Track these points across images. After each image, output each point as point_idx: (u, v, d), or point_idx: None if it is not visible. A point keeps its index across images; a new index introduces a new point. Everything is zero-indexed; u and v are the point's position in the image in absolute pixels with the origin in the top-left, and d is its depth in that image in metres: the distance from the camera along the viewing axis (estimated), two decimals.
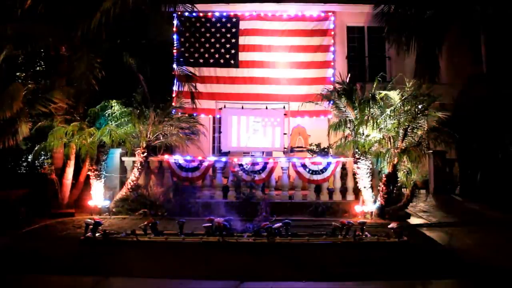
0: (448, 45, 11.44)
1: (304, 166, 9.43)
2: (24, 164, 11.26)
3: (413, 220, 8.58)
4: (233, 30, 13.02)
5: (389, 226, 6.74)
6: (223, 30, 13.02)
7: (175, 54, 12.56)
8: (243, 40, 12.99)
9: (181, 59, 12.48)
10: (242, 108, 11.50)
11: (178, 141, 9.76)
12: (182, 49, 12.86)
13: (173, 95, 11.99)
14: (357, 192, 9.22)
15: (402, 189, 9.09)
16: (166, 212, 8.73)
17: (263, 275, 5.37)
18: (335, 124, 9.36)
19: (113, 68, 9.59)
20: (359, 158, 8.92)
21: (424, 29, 10.75)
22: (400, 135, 8.63)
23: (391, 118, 8.64)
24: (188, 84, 11.16)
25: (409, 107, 8.58)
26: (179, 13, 12.15)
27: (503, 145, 10.68)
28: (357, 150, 8.93)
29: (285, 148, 11.32)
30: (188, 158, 9.57)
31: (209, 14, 13.05)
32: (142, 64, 9.67)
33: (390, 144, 8.75)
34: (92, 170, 9.05)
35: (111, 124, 8.99)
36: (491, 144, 10.74)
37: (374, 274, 5.33)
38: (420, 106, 8.59)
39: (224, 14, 13.09)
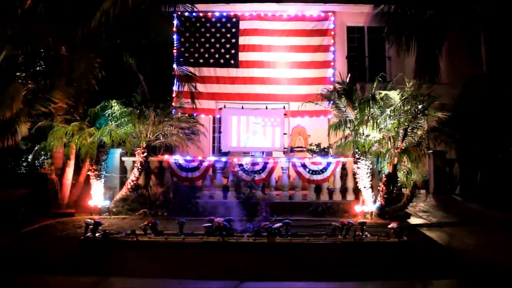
0: (448, 45, 11.45)
1: (304, 166, 9.43)
2: (24, 164, 11.27)
3: (413, 220, 8.58)
4: (233, 30, 13.02)
5: (389, 226, 6.74)
6: (223, 30, 13.01)
7: (175, 54, 12.54)
8: (243, 40, 12.99)
9: (181, 59, 12.46)
10: (242, 108, 11.50)
11: (178, 141, 9.76)
12: (182, 49, 12.86)
13: (173, 95, 11.97)
14: (357, 192, 9.23)
15: (402, 189, 9.09)
16: (166, 212, 8.73)
17: (263, 275, 5.37)
18: (335, 124, 9.36)
19: (113, 68, 9.59)
20: (359, 158, 8.92)
21: (424, 29, 10.75)
22: (400, 135, 8.63)
23: (391, 118, 8.64)
24: (188, 84, 11.15)
25: (409, 107, 8.58)
26: (179, 13, 12.18)
27: (503, 145, 10.68)
28: (357, 150, 8.93)
29: (285, 148, 11.32)
30: (188, 158, 9.57)
31: (209, 14, 13.05)
32: (142, 64, 9.67)
33: (390, 144, 8.75)
34: (92, 170, 9.04)
35: (111, 124, 8.97)
36: (491, 144, 10.73)
37: (374, 274, 5.34)
38: (420, 106, 8.59)
39: (224, 14, 13.08)
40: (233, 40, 12.99)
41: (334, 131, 9.29)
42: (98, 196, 8.99)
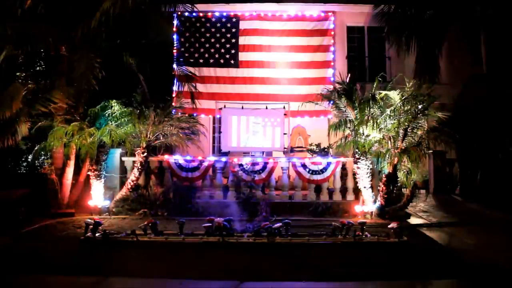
0: (448, 45, 11.44)
1: (304, 166, 9.43)
2: (24, 164, 11.26)
3: (413, 220, 8.58)
4: (233, 30, 13.02)
5: (389, 226, 6.74)
6: (223, 30, 13.01)
7: (175, 54, 12.54)
8: (243, 40, 12.99)
9: (181, 59, 12.46)
10: (242, 108, 11.50)
11: (178, 141, 9.76)
12: (182, 49, 12.86)
13: (173, 95, 11.95)
14: (357, 192, 9.22)
15: (402, 189, 9.09)
16: (166, 212, 8.73)
17: (263, 275, 5.38)
18: (335, 124, 9.36)
19: (113, 68, 9.59)
20: (359, 158, 8.92)
21: (424, 29, 10.75)
22: (400, 135, 8.63)
23: (391, 118, 8.64)
24: (188, 84, 11.14)
25: (409, 107, 8.58)
26: (179, 13, 12.18)
27: (503, 145, 10.68)
28: (357, 150, 8.93)
29: (285, 148, 11.32)
30: (188, 158, 9.57)
31: (209, 14, 13.05)
32: (142, 64, 9.66)
33: (390, 144, 8.75)
34: (92, 170, 9.04)
35: (111, 124, 8.97)
36: (491, 144, 10.73)
37: (374, 274, 5.34)
38: (420, 106, 8.59)
39: (224, 14, 13.08)
40: (233, 40, 12.99)
41: (334, 131, 9.29)
42: (98, 196, 8.99)
